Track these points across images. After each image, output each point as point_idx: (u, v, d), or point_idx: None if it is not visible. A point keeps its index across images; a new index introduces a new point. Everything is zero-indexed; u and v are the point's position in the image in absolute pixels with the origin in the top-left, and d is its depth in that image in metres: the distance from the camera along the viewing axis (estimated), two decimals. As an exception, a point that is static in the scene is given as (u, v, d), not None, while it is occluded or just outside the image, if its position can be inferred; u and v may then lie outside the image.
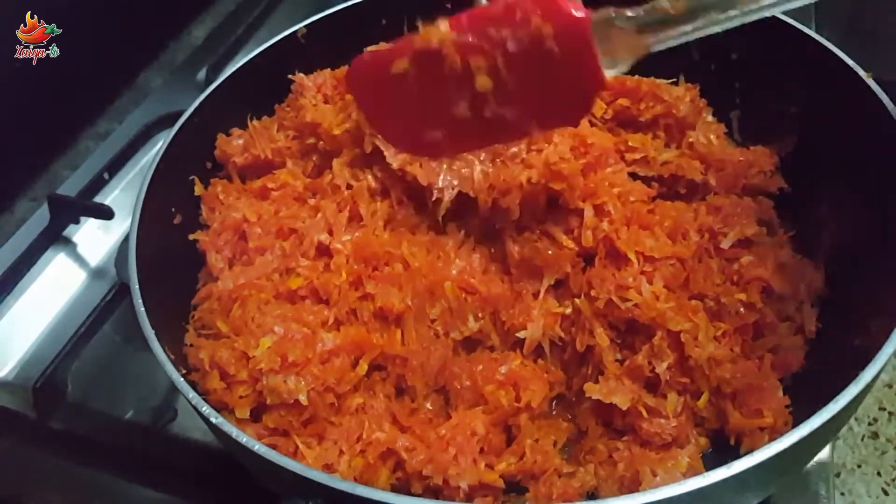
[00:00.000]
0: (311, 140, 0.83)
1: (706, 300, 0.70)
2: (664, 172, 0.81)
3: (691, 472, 0.64)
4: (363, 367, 0.69)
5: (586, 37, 0.54)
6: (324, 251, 0.75)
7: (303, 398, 0.64)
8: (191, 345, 0.70)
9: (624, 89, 0.85)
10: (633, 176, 0.80)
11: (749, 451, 0.49)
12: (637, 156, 0.80)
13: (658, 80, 0.85)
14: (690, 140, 0.82)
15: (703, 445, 0.67)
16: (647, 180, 0.80)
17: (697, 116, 0.84)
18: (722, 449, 0.67)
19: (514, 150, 0.77)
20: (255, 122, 0.86)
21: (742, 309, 0.69)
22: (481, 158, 0.76)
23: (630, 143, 0.81)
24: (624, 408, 0.65)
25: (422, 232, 0.77)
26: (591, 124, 0.82)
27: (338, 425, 0.66)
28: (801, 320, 0.71)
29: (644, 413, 0.65)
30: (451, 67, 0.57)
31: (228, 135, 0.85)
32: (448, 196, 0.75)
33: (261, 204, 0.79)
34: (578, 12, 0.54)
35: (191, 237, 0.78)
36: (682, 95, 0.84)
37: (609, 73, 0.57)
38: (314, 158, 0.83)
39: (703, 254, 0.73)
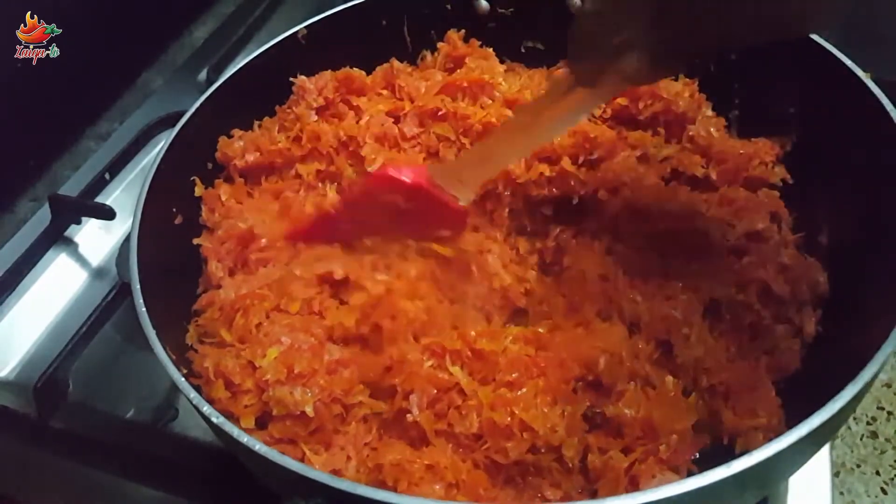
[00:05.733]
0: (311, 145, 0.83)
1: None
2: (665, 168, 0.80)
3: None
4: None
5: (427, 191, 0.70)
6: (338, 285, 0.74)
7: (309, 410, 0.63)
8: (195, 350, 0.70)
9: None
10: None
11: (744, 451, 0.49)
12: (637, 152, 0.80)
13: None
14: (690, 133, 0.82)
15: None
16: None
17: (697, 111, 0.84)
18: (714, 448, 0.66)
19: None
20: (257, 123, 0.87)
21: (739, 309, 0.69)
22: None
23: (629, 140, 0.81)
24: None
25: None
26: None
27: (344, 433, 0.65)
28: (800, 322, 0.70)
29: None
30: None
31: (230, 135, 0.85)
32: None
33: (267, 210, 0.80)
34: (408, 178, 0.70)
35: (195, 241, 0.78)
36: (680, 91, 0.84)
37: (465, 203, 0.71)
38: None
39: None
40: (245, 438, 0.54)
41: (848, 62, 0.73)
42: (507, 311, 0.76)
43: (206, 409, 0.57)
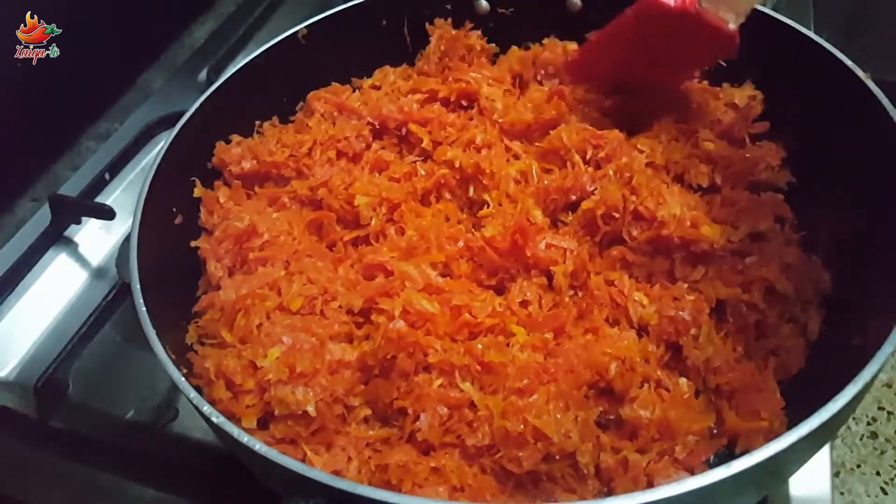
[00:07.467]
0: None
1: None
2: (671, 172, 0.80)
3: None
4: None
5: (693, 14, 0.72)
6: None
7: (311, 409, 0.63)
8: (195, 351, 0.70)
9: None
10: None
11: (745, 451, 0.49)
12: (644, 156, 0.80)
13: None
14: (697, 134, 0.82)
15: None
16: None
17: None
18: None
19: None
20: (257, 124, 0.87)
21: (744, 308, 0.69)
22: None
23: (639, 146, 0.81)
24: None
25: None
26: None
27: (346, 433, 0.65)
28: (804, 321, 0.70)
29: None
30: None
31: (229, 136, 0.85)
32: None
33: (266, 212, 0.80)
34: (673, 2, 0.72)
35: (193, 244, 0.78)
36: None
37: (734, 26, 0.73)
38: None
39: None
40: (245, 438, 0.55)
41: (848, 62, 0.73)
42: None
43: (207, 408, 0.57)
